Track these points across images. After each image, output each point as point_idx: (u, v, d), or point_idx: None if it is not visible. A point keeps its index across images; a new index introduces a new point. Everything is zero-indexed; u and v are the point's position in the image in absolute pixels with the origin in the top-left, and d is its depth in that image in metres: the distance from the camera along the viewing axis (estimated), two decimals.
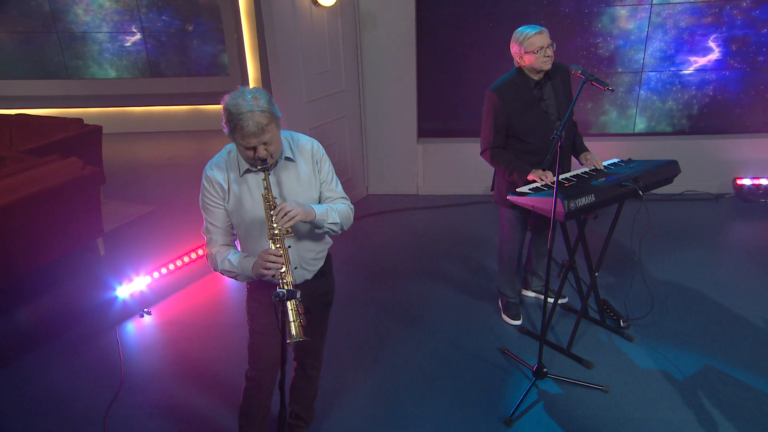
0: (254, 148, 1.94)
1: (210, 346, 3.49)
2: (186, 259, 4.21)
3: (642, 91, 5.19)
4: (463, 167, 5.36)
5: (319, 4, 4.55)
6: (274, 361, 2.28)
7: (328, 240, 2.36)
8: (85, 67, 7.97)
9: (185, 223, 4.72)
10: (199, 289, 4.10)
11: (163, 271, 4.10)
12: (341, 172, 5.28)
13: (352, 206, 2.32)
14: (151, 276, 4.04)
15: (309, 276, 2.27)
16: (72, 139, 5.28)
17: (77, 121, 5.54)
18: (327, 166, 2.27)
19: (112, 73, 7.99)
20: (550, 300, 3.36)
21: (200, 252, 4.28)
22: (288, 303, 1.78)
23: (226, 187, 2.10)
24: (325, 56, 4.78)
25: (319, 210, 2.12)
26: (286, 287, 1.82)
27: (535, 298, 3.84)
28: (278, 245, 1.92)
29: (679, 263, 4.18)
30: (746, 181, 5.10)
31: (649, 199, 5.10)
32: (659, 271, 4.10)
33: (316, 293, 2.34)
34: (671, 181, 3.26)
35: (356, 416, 2.95)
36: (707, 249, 4.38)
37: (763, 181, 5.07)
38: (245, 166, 2.08)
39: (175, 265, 4.15)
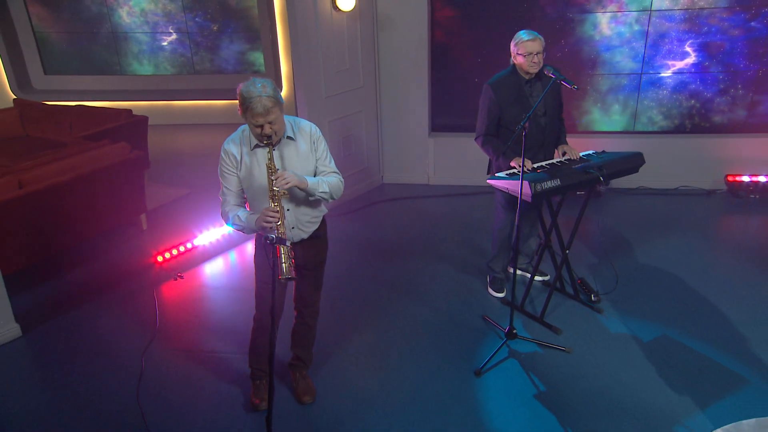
0: (261, 126, 2.46)
1: (231, 305, 4.06)
2: (216, 234, 4.79)
3: (641, 92, 5.52)
4: (471, 160, 5.77)
5: (339, 9, 5.07)
6: (276, 305, 2.81)
7: (323, 208, 2.86)
8: (130, 64, 8.73)
9: (217, 204, 5.25)
10: (225, 259, 4.69)
11: (196, 243, 4.71)
12: (358, 161, 5.81)
13: (343, 180, 2.82)
14: (185, 247, 4.65)
15: (305, 236, 2.79)
16: (122, 127, 5.97)
17: (127, 112, 6.24)
18: (323, 146, 2.77)
19: (153, 70, 8.73)
20: (522, 273, 3.78)
21: (226, 230, 4.86)
22: (281, 248, 2.30)
23: (239, 158, 2.63)
24: (344, 56, 5.30)
25: (311, 180, 2.63)
26: (278, 235, 2.35)
27: (520, 275, 4.26)
28: (276, 204, 2.45)
29: (666, 251, 4.52)
30: (737, 178, 5.37)
31: (646, 194, 5.55)
32: (647, 257, 4.45)
33: (311, 251, 2.85)
34: (636, 171, 3.64)
35: (349, 364, 3.46)
36: (694, 239, 4.70)
37: (754, 178, 5.33)
38: (255, 142, 2.61)
39: (206, 238, 4.75)
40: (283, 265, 2.30)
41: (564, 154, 3.64)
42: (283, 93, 8.27)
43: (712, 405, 2.99)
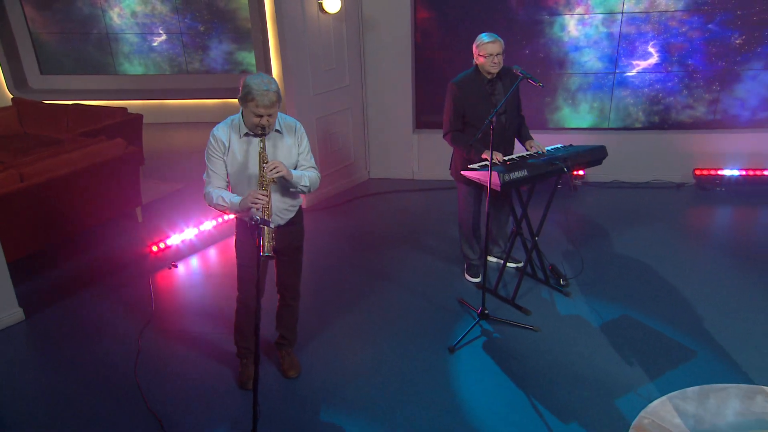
0: (261, 116, 2.71)
1: (222, 291, 4.30)
2: (208, 225, 5.04)
3: (610, 91, 5.80)
4: None
5: (326, 11, 5.32)
6: (253, 281, 3.06)
7: (300, 198, 3.10)
8: (121, 64, 8.96)
9: None
10: (216, 250, 4.93)
11: (189, 234, 4.95)
12: (345, 157, 6.07)
13: (320, 175, 3.07)
14: (179, 237, 4.89)
15: (282, 222, 3.03)
16: (117, 125, 6.20)
17: (122, 110, 6.47)
18: (305, 142, 3.03)
19: (144, 70, 8.95)
20: (497, 261, 4.04)
21: (219, 220, 5.10)
22: (265, 228, 2.55)
23: (227, 144, 2.86)
24: (330, 56, 5.56)
25: (296, 173, 2.90)
26: (263, 216, 2.59)
27: (496, 262, 4.52)
28: (264, 188, 2.69)
29: (634, 240, 4.80)
30: (705, 172, 5.67)
31: (620, 187, 5.83)
32: (616, 245, 4.73)
33: (288, 237, 3.09)
34: (600, 163, 3.91)
35: (332, 343, 3.71)
36: (662, 229, 4.98)
37: (720, 172, 5.63)
38: (245, 130, 2.84)
39: (198, 230, 4.99)
40: (265, 244, 2.54)
41: (530, 148, 3.91)
42: None
43: (662, 375, 3.26)
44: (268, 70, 8.53)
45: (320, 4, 5.24)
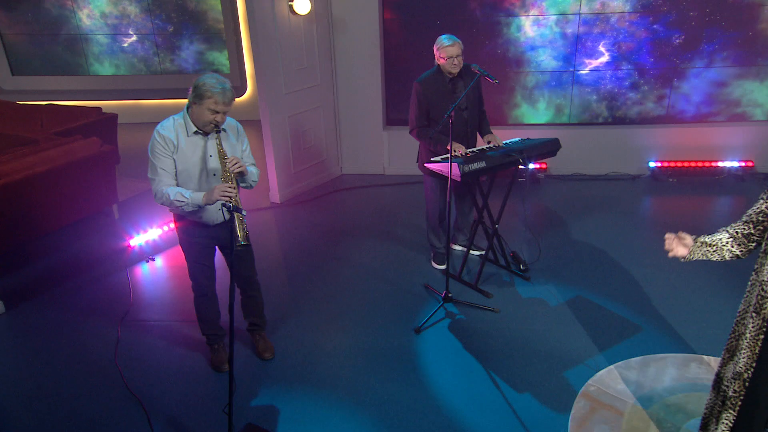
0: (217, 114, 2.89)
1: None
2: None
3: (573, 88, 6.10)
4: None
5: (296, 13, 5.51)
6: (208, 275, 3.33)
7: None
8: (92, 64, 9.01)
9: None
10: None
11: (165, 228, 5.09)
12: (317, 153, 6.26)
13: (260, 171, 3.27)
14: (156, 232, 5.03)
15: (228, 217, 3.12)
16: (92, 124, 6.30)
17: (97, 109, 6.57)
18: (245, 141, 3.23)
19: (114, 71, 9.02)
20: (462, 249, 4.28)
21: (166, 228, 5.25)
22: (236, 215, 2.73)
23: (176, 143, 2.99)
24: (302, 55, 5.75)
25: (249, 169, 3.10)
26: (235, 204, 2.78)
27: (460, 250, 4.77)
28: (229, 182, 2.87)
29: (592, 228, 5.09)
30: (658, 164, 6.01)
31: (580, 179, 6.13)
32: (575, 233, 5.02)
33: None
34: (554, 154, 4.18)
35: (305, 327, 3.91)
36: (618, 218, 5.28)
37: (672, 164, 5.97)
38: (193, 129, 2.99)
39: (173, 225, 5.13)
40: (240, 233, 2.73)
41: (489, 142, 4.16)
42: (248, 91, 8.67)
43: (610, 348, 3.54)
44: (241, 70, 8.70)
45: (290, 6, 5.44)
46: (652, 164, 6.04)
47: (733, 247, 2.31)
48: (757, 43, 5.69)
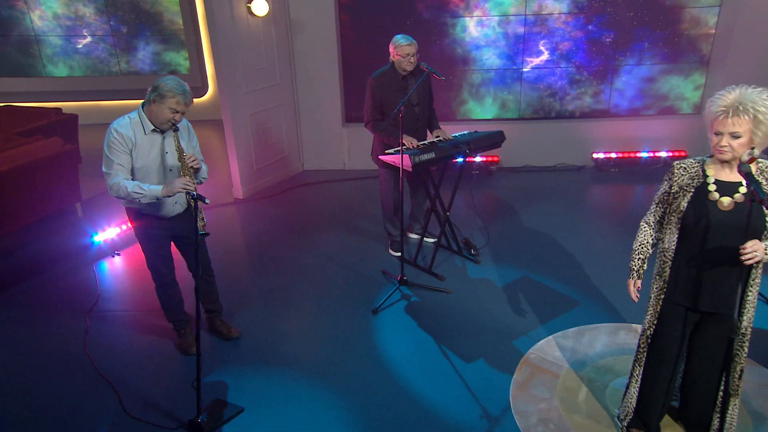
0: (176, 113, 3.09)
1: None
2: None
3: (522, 84, 6.46)
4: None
5: (255, 14, 5.70)
6: (166, 264, 3.52)
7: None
8: (45, 66, 8.97)
9: None
10: None
11: (129, 225, 5.20)
12: (279, 150, 6.46)
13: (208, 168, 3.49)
14: (120, 228, 5.16)
15: (181, 210, 3.41)
16: (52, 124, 6.34)
17: (56, 110, 6.60)
18: (195, 139, 3.45)
19: (70, 71, 9.00)
20: (418, 237, 4.57)
21: (124, 227, 5.38)
22: (198, 203, 2.94)
23: (133, 140, 3.16)
24: (261, 56, 5.94)
25: (203, 166, 3.32)
26: (197, 195, 2.98)
27: (417, 238, 5.05)
28: (188, 176, 3.07)
29: (540, 215, 5.44)
30: (600, 155, 6.43)
31: (530, 171, 6.48)
32: (524, 220, 5.36)
33: (190, 223, 3.34)
34: (499, 146, 4.50)
35: (268, 312, 4.13)
36: (564, 206, 5.65)
37: (612, 155, 6.40)
38: (151, 127, 3.17)
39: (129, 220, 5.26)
40: (200, 223, 2.94)
41: (438, 137, 4.46)
42: (209, 91, 8.78)
43: (550, 321, 3.87)
44: (202, 71, 8.80)
45: (249, 8, 5.62)
46: (595, 155, 6.45)
47: (652, 237, 2.60)
48: (680, 42, 6.16)
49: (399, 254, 4.79)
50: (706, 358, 2.59)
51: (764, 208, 2.18)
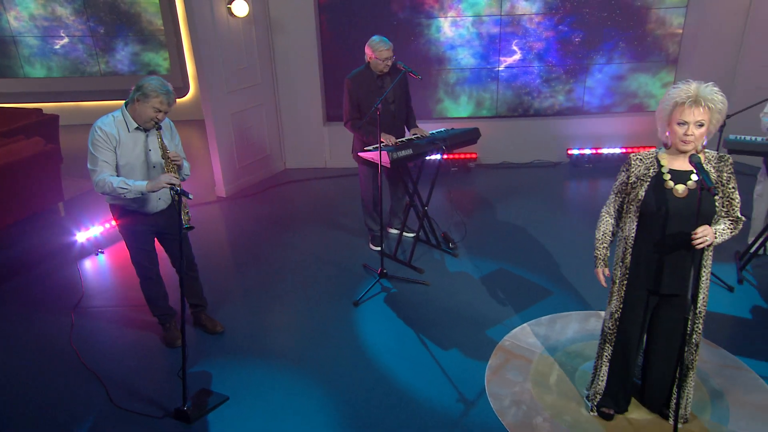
0: (160, 112, 3.18)
1: None
2: None
3: (498, 83, 6.63)
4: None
5: (235, 15, 5.79)
6: (150, 258, 3.59)
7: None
8: (26, 67, 8.95)
9: None
10: None
11: (113, 223, 5.26)
12: (261, 149, 6.55)
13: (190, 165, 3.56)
14: (103, 226, 5.21)
15: (164, 206, 3.50)
16: (33, 125, 6.36)
17: (37, 111, 6.62)
18: (178, 137, 3.54)
19: (48, 72, 8.98)
20: (394, 231, 4.70)
21: (107, 225, 5.45)
22: (183, 198, 3.03)
23: (117, 138, 3.24)
24: (242, 56, 6.02)
25: (185, 164, 3.40)
26: (181, 190, 3.07)
27: (397, 233, 5.18)
28: (172, 172, 3.16)
29: (517, 210, 5.61)
30: (575, 152, 6.62)
31: (508, 167, 6.65)
32: (502, 215, 5.53)
33: (172, 219, 3.48)
34: (475, 142, 4.65)
35: (253, 306, 4.22)
36: (540, 201, 5.83)
37: (586, 151, 6.60)
38: (135, 125, 3.26)
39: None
40: (184, 217, 3.04)
41: (415, 134, 4.59)
42: (190, 91, 8.83)
43: (524, 310, 4.02)
44: (183, 71, 8.85)
45: (229, 9, 5.71)
46: (570, 152, 6.64)
47: (613, 225, 2.76)
48: (647, 42, 6.37)
49: (379, 249, 4.91)
50: (664, 337, 2.75)
51: (712, 195, 2.34)
